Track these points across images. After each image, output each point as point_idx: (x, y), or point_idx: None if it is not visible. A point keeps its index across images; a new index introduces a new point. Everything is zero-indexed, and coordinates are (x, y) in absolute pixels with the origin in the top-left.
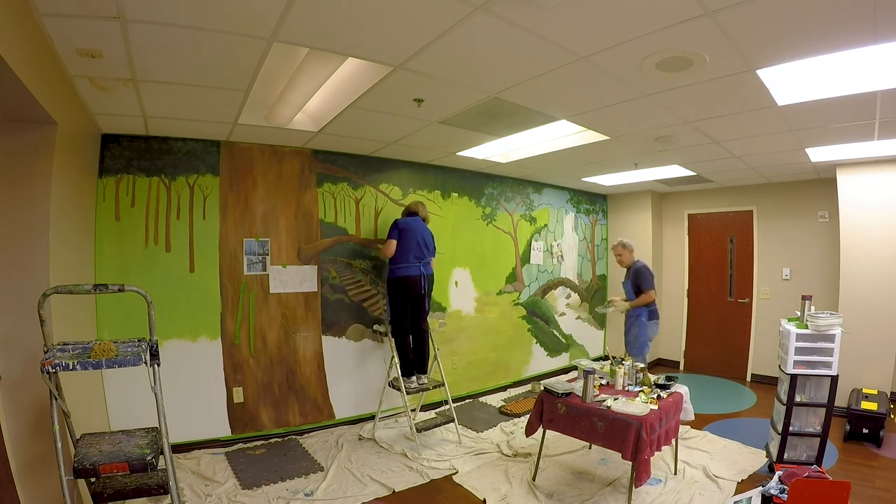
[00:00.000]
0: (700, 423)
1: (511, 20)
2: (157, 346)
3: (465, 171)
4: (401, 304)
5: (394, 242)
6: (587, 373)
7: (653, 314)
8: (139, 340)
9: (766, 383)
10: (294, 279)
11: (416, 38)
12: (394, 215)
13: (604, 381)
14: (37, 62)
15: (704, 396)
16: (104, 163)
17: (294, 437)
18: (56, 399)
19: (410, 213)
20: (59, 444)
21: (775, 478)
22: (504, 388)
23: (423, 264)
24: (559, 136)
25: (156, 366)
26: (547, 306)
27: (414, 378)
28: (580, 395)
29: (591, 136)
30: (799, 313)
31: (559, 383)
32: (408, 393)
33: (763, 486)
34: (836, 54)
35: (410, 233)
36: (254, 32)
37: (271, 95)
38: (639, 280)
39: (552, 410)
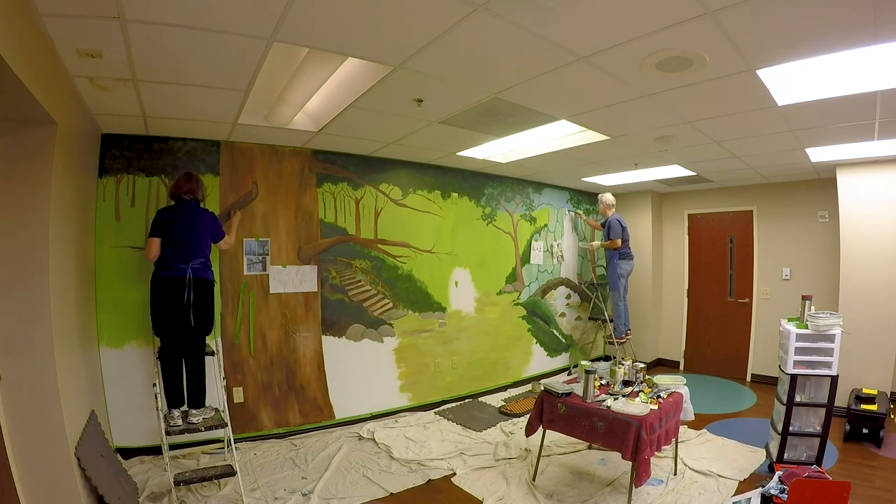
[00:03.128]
0: (700, 423)
1: (511, 20)
2: None
3: (465, 171)
4: (161, 315)
5: (156, 243)
6: (588, 373)
7: (623, 255)
8: None
9: (766, 383)
10: (294, 279)
11: (416, 38)
12: (394, 215)
13: (603, 381)
14: (37, 62)
15: (704, 396)
16: (104, 163)
17: (294, 436)
18: None
19: (178, 192)
20: None
21: (775, 478)
22: (504, 388)
23: (193, 266)
24: (559, 136)
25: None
26: (547, 306)
27: (177, 413)
28: (580, 395)
29: (591, 136)
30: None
31: (559, 383)
32: (167, 433)
33: (763, 486)
34: (836, 54)
35: (173, 226)
36: (254, 32)
37: (271, 95)
38: (609, 231)
39: (552, 410)
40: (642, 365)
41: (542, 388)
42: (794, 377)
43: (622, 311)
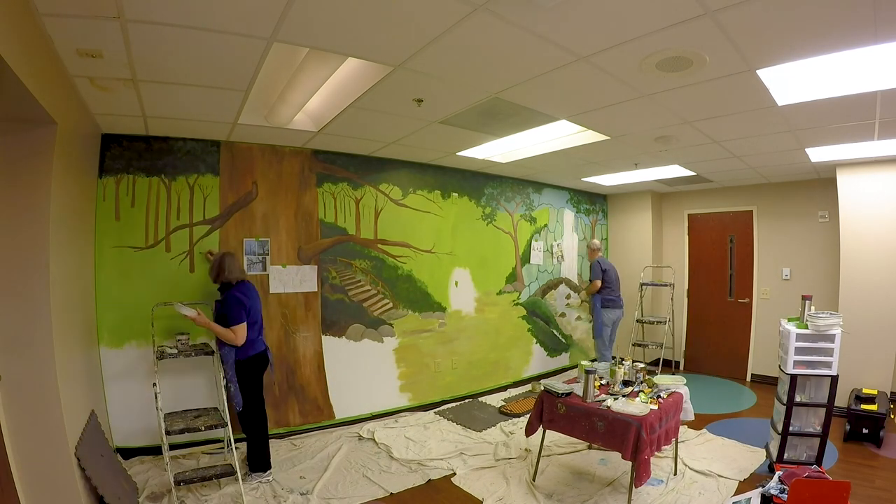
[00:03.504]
0: (700, 423)
1: (511, 20)
2: None
3: (465, 171)
4: (256, 387)
5: (244, 327)
6: (588, 373)
7: (605, 302)
8: None
9: (766, 383)
10: (294, 279)
11: (416, 38)
12: (394, 215)
13: (603, 381)
14: (37, 62)
15: (704, 396)
16: (104, 163)
17: (294, 436)
18: None
19: (233, 279)
20: None
21: (775, 478)
22: (504, 388)
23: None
24: (559, 136)
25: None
26: (547, 306)
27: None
28: (580, 395)
29: (591, 136)
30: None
31: (559, 383)
32: (167, 433)
33: (763, 486)
34: (836, 54)
35: (252, 306)
36: (254, 32)
37: (271, 95)
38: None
39: (552, 410)
40: (642, 365)
41: (542, 388)
42: (794, 377)
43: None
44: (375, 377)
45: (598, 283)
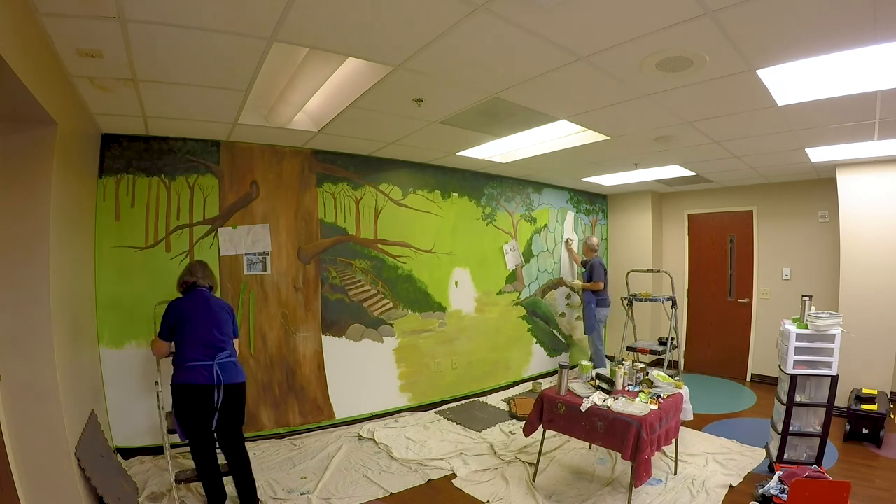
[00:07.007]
0: (700, 423)
1: (511, 20)
2: None
3: (465, 171)
4: (191, 420)
5: (165, 346)
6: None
7: (601, 302)
8: None
9: (766, 383)
10: (245, 241)
11: (416, 38)
12: (394, 215)
13: None
14: (37, 62)
15: (704, 396)
16: (104, 163)
17: (294, 436)
18: None
19: (188, 284)
20: None
21: (775, 478)
22: (504, 388)
23: (220, 362)
24: (559, 136)
25: None
26: (547, 306)
27: None
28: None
29: (591, 136)
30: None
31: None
32: (169, 433)
33: (763, 486)
34: (836, 54)
35: (192, 317)
36: (254, 32)
37: (271, 95)
38: (592, 273)
39: (552, 410)
40: (642, 365)
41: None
42: (794, 377)
43: (602, 356)
44: (375, 377)
45: (601, 285)
